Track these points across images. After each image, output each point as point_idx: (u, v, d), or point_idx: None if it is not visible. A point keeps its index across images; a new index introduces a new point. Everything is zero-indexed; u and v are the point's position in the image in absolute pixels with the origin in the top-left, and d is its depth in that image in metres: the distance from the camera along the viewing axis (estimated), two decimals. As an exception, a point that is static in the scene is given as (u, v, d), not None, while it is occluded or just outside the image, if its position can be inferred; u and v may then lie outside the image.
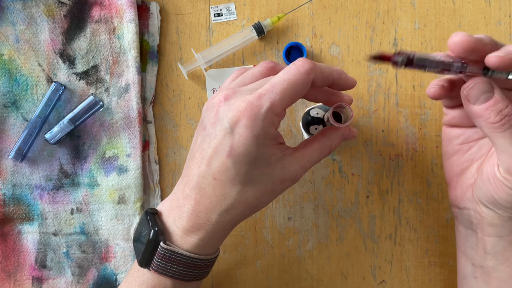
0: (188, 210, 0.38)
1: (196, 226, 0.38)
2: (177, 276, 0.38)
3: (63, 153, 0.50)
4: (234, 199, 0.37)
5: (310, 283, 0.51)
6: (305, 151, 0.39)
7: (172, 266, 0.38)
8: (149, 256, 0.38)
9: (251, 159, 0.36)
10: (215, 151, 0.36)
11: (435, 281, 0.50)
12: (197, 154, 0.38)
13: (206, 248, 0.39)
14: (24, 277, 0.50)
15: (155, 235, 0.37)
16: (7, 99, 0.50)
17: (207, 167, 0.37)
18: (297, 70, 0.36)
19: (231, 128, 0.35)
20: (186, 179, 0.38)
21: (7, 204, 0.49)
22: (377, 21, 0.50)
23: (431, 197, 0.50)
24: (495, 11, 0.50)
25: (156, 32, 0.51)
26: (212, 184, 0.37)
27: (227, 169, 0.36)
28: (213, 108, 0.37)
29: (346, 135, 0.41)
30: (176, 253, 0.37)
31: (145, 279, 0.39)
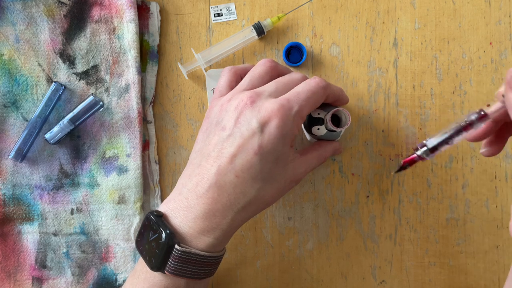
0: (203, 209, 0.38)
1: (212, 226, 0.38)
2: (193, 276, 0.38)
3: (63, 153, 0.50)
4: (253, 196, 0.38)
5: (310, 283, 0.51)
6: (307, 157, 0.42)
7: (187, 267, 0.38)
8: (163, 259, 0.37)
9: (275, 157, 0.38)
10: (240, 150, 0.38)
11: (435, 281, 0.50)
12: (213, 153, 0.39)
13: (219, 246, 0.39)
14: (24, 277, 0.50)
15: (169, 238, 0.37)
16: (7, 99, 0.50)
17: (229, 164, 0.38)
18: (317, 84, 0.40)
19: (261, 128, 0.38)
20: (198, 178, 0.39)
21: (7, 204, 0.49)
22: (377, 21, 0.50)
23: (431, 197, 0.50)
24: (495, 11, 0.50)
25: (156, 32, 0.51)
26: (233, 181, 0.38)
27: (252, 167, 0.38)
28: (235, 110, 0.39)
29: (337, 149, 0.46)
30: (193, 254, 0.38)
31: (157, 281, 0.39)
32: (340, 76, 0.50)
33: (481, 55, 0.50)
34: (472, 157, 0.50)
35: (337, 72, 0.50)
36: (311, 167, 0.43)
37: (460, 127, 0.35)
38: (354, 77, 0.50)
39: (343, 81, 0.50)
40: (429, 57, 0.50)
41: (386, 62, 0.50)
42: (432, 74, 0.50)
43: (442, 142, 0.35)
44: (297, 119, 0.39)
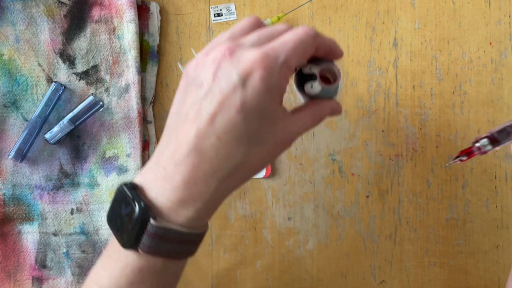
0: (182, 178, 0.33)
1: (193, 196, 0.34)
2: (170, 255, 0.34)
3: (63, 153, 0.50)
4: (238, 161, 0.34)
5: (310, 283, 0.51)
6: (300, 116, 0.37)
7: (164, 245, 0.34)
8: (136, 236, 0.33)
9: (262, 115, 0.34)
10: (220, 107, 0.33)
11: (435, 281, 0.50)
12: (191, 113, 0.34)
13: (200, 220, 0.35)
14: (24, 277, 0.50)
15: (143, 212, 0.33)
16: (7, 99, 0.50)
17: (210, 125, 0.33)
18: (305, 33, 0.35)
19: (243, 81, 0.33)
20: (175, 144, 0.34)
21: (7, 204, 0.49)
22: (377, 21, 0.50)
23: (431, 197, 0.50)
24: (495, 11, 0.50)
25: (156, 32, 0.51)
26: (215, 144, 0.33)
27: (235, 127, 0.33)
28: (212, 64, 0.34)
29: (335, 108, 0.39)
30: (170, 230, 0.33)
31: (129, 261, 0.34)
32: (340, 76, 0.50)
33: (481, 55, 0.50)
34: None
35: (337, 72, 0.50)
36: (305, 127, 0.37)
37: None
38: (354, 77, 0.50)
39: (343, 81, 0.50)
40: (429, 57, 0.50)
41: (386, 62, 0.50)
42: (432, 74, 0.50)
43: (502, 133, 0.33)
44: (284, 70, 0.34)
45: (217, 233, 0.51)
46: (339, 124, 0.51)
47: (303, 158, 0.51)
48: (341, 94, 0.50)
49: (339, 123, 0.51)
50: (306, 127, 0.37)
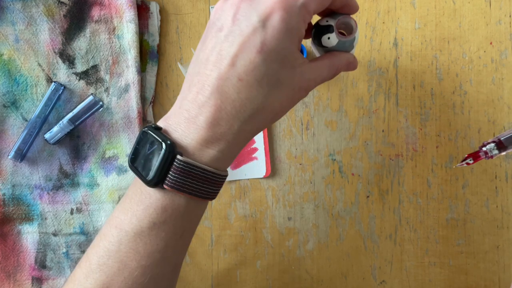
0: (206, 118, 0.34)
1: (216, 136, 0.34)
2: (194, 193, 0.35)
3: (63, 153, 0.50)
4: (260, 103, 0.34)
5: (310, 283, 0.51)
6: (317, 65, 0.37)
7: (190, 182, 0.34)
8: (163, 172, 0.34)
9: (281, 57, 0.34)
10: (241, 49, 0.34)
11: (435, 281, 0.50)
12: (212, 57, 0.34)
13: (223, 162, 0.35)
14: (24, 277, 0.50)
15: (170, 148, 0.33)
16: (7, 99, 0.49)
17: (231, 67, 0.34)
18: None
19: (263, 22, 0.33)
20: (198, 87, 0.35)
21: (6, 204, 0.49)
22: (377, 21, 0.50)
23: (431, 197, 0.50)
24: (496, 11, 0.50)
25: (156, 32, 0.51)
26: (236, 86, 0.34)
27: (256, 68, 0.34)
28: (231, 7, 0.35)
29: (351, 61, 0.40)
30: (196, 167, 0.34)
31: (153, 201, 0.35)
32: (340, 76, 0.50)
33: (481, 55, 0.50)
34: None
35: (337, 72, 0.50)
36: (321, 77, 0.38)
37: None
38: (354, 77, 0.50)
39: (343, 81, 0.50)
40: (429, 57, 0.50)
41: (386, 62, 0.50)
42: (432, 74, 0.50)
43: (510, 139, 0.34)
44: (303, 12, 0.34)
45: (217, 233, 0.51)
46: (339, 124, 0.51)
47: (303, 158, 0.51)
48: (341, 94, 0.50)
49: (339, 123, 0.51)
50: (322, 77, 0.38)
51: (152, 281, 0.35)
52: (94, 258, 0.36)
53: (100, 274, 0.35)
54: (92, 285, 0.35)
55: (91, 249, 0.37)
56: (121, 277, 0.35)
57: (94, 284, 0.35)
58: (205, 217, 0.51)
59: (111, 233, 0.35)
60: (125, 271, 0.35)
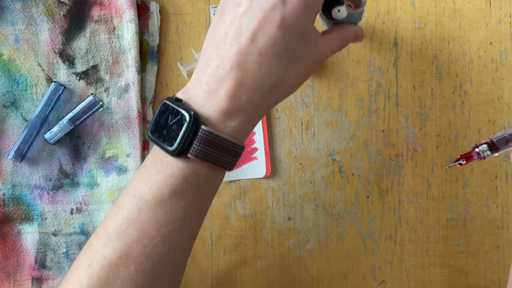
0: (227, 91, 0.35)
1: (237, 109, 0.35)
2: (216, 162, 0.35)
3: (63, 153, 0.50)
4: (279, 77, 0.36)
5: (310, 283, 0.51)
6: (329, 38, 0.39)
7: (212, 151, 0.34)
8: (186, 141, 0.34)
9: (300, 32, 0.35)
10: (261, 24, 0.34)
11: (435, 281, 0.50)
12: (231, 31, 0.35)
13: (243, 133, 0.36)
14: (23, 277, 0.50)
15: (195, 118, 0.34)
16: (7, 99, 0.49)
17: (251, 42, 0.34)
18: None
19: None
20: (217, 61, 0.35)
21: (6, 204, 0.49)
22: (377, 21, 0.50)
23: (431, 197, 0.50)
24: (496, 11, 0.50)
25: (156, 32, 0.50)
26: (257, 60, 0.35)
27: (276, 43, 0.35)
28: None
29: (359, 33, 0.42)
30: (220, 137, 0.34)
31: (175, 170, 0.35)
32: (340, 76, 0.50)
33: (482, 55, 0.50)
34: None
35: (337, 72, 0.50)
36: (333, 49, 0.39)
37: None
38: (354, 77, 0.50)
39: (343, 81, 0.50)
40: (429, 57, 0.50)
41: (386, 62, 0.50)
42: (432, 74, 0.50)
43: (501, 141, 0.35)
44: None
45: (217, 233, 0.51)
46: (339, 124, 0.51)
47: (303, 158, 0.51)
48: (342, 94, 0.50)
49: (339, 123, 0.51)
50: (333, 49, 0.39)
51: (171, 249, 0.36)
52: (112, 226, 0.36)
53: (119, 242, 0.35)
54: (110, 253, 0.35)
55: (109, 219, 0.36)
56: (140, 244, 0.35)
57: (112, 252, 0.35)
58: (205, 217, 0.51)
59: (130, 202, 0.36)
60: (144, 239, 0.35)
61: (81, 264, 0.36)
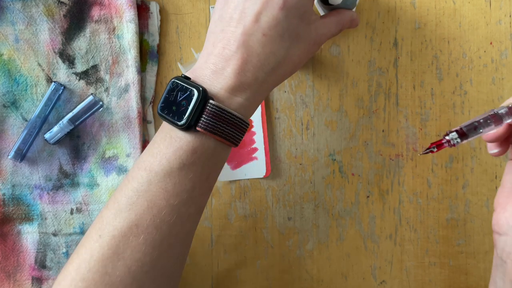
0: (233, 69, 0.37)
1: (243, 85, 0.37)
2: (223, 135, 0.37)
3: (63, 153, 0.50)
4: (282, 57, 0.38)
5: (310, 283, 0.51)
6: (327, 21, 0.42)
7: (221, 125, 0.36)
8: (196, 115, 0.36)
9: (301, 13, 0.38)
10: (264, 7, 0.37)
11: (435, 282, 0.50)
12: (235, 15, 0.37)
13: (249, 110, 0.38)
14: (23, 277, 0.50)
15: (203, 93, 0.36)
16: (7, 99, 0.49)
17: (255, 23, 0.37)
18: None
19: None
20: (224, 42, 0.37)
21: (6, 204, 0.49)
22: (377, 21, 0.50)
23: (432, 197, 0.50)
24: (496, 11, 0.50)
25: (156, 32, 0.50)
26: (261, 40, 0.37)
27: (278, 23, 0.37)
28: None
29: (354, 18, 0.45)
30: (227, 112, 0.36)
31: (183, 143, 0.37)
32: (340, 76, 0.50)
33: (482, 55, 0.50)
34: (472, 157, 0.50)
35: (337, 72, 0.50)
36: (331, 32, 0.42)
37: (489, 115, 0.36)
38: (354, 77, 0.50)
39: (343, 81, 0.50)
40: (429, 57, 0.50)
41: (386, 62, 0.50)
42: (432, 74, 0.50)
43: (470, 128, 0.36)
44: None
45: (217, 233, 0.51)
46: (339, 124, 0.51)
47: (303, 158, 0.51)
48: (342, 94, 0.50)
49: (339, 123, 0.51)
50: (331, 32, 0.42)
51: (178, 220, 0.37)
52: (123, 198, 0.37)
53: (129, 213, 0.36)
54: (121, 223, 0.36)
55: (119, 192, 0.38)
56: (149, 215, 0.36)
57: (123, 222, 0.36)
58: (205, 217, 0.51)
59: (140, 174, 0.37)
60: (154, 209, 0.36)
61: (91, 235, 0.37)
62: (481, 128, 0.36)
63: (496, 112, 0.36)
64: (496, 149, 0.39)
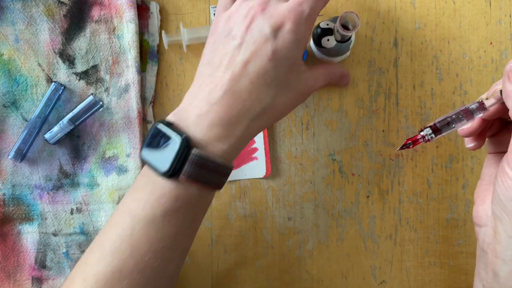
0: (218, 116, 0.37)
1: (227, 132, 0.37)
2: (207, 182, 0.37)
3: (63, 153, 0.50)
4: (267, 104, 0.38)
5: (310, 283, 0.51)
6: (316, 72, 0.42)
7: (203, 173, 0.36)
8: (178, 163, 0.36)
9: (290, 64, 0.38)
10: (253, 56, 0.37)
11: (435, 281, 0.50)
12: (225, 61, 0.38)
13: (232, 155, 0.38)
14: (23, 277, 0.50)
15: (186, 142, 0.36)
16: (7, 99, 0.49)
17: (243, 70, 0.37)
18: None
19: (274, 33, 0.38)
20: (210, 86, 0.38)
21: (6, 204, 0.49)
22: (377, 21, 0.50)
23: (431, 197, 0.50)
24: (496, 11, 0.50)
25: (156, 32, 0.50)
26: (248, 87, 0.37)
27: (266, 73, 0.37)
28: (245, 18, 0.38)
29: (345, 74, 0.46)
30: (209, 159, 0.36)
31: (167, 191, 0.36)
32: (340, 76, 0.50)
33: (482, 55, 0.50)
34: (472, 157, 0.50)
35: (337, 72, 0.50)
36: (319, 85, 0.42)
37: (460, 110, 0.37)
38: (354, 77, 0.50)
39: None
40: (429, 57, 0.50)
41: (386, 62, 0.50)
42: (432, 74, 0.50)
43: (443, 124, 0.37)
44: (309, 22, 0.39)
45: (217, 233, 0.51)
46: (339, 124, 0.51)
47: (303, 158, 0.51)
48: (342, 94, 0.50)
49: (339, 123, 0.51)
50: (319, 84, 0.42)
51: (162, 264, 0.37)
52: (106, 243, 0.37)
53: (113, 258, 0.36)
54: (105, 268, 0.36)
55: (103, 235, 0.38)
56: (133, 260, 0.36)
57: (107, 267, 0.36)
58: (205, 217, 0.51)
59: (124, 220, 0.37)
60: (137, 255, 0.36)
61: (76, 278, 0.38)
62: (453, 123, 0.37)
63: (467, 108, 0.37)
64: (472, 143, 0.41)
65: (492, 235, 0.38)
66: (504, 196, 0.35)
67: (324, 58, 0.49)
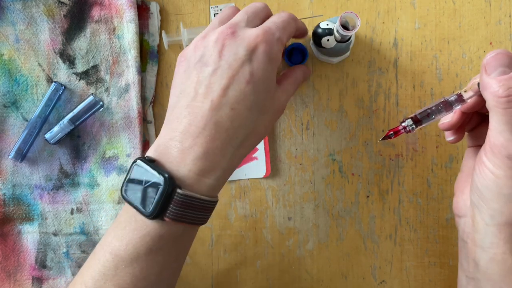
0: (202, 149, 0.35)
1: (213, 166, 0.36)
2: (192, 221, 0.36)
3: (63, 153, 0.50)
4: (250, 129, 0.37)
5: (310, 283, 0.51)
6: (285, 85, 0.42)
7: (188, 212, 0.35)
8: (162, 205, 0.34)
9: (266, 85, 0.38)
10: (231, 81, 0.36)
11: (435, 281, 0.50)
12: (201, 90, 0.36)
13: (218, 189, 0.37)
14: (24, 277, 0.50)
15: (169, 181, 0.34)
16: (7, 99, 0.50)
17: (223, 97, 0.36)
18: (288, 16, 0.41)
19: (249, 56, 0.37)
20: (189, 118, 0.36)
21: (7, 204, 0.49)
22: (377, 21, 0.50)
23: (431, 197, 0.50)
24: (495, 11, 0.50)
25: (156, 32, 0.51)
26: (229, 115, 0.36)
27: (246, 97, 0.37)
28: (216, 43, 0.38)
29: (306, 72, 0.46)
30: (194, 198, 0.35)
31: (150, 230, 0.35)
32: (340, 76, 0.50)
33: (481, 55, 0.50)
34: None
35: (337, 72, 0.50)
36: (290, 94, 0.42)
37: (440, 102, 0.38)
38: (354, 77, 0.50)
39: (343, 81, 0.50)
40: (429, 57, 0.50)
41: (386, 62, 0.50)
42: (432, 74, 0.50)
43: (424, 115, 0.38)
44: (280, 44, 0.39)
45: (217, 233, 0.51)
46: (339, 124, 0.51)
47: (303, 158, 0.51)
48: (342, 94, 0.50)
49: (339, 123, 0.51)
50: (290, 94, 0.42)
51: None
52: (90, 281, 0.36)
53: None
54: None
55: (86, 272, 0.37)
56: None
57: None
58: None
59: (106, 258, 0.36)
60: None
61: None
62: (433, 115, 0.38)
63: (446, 99, 0.38)
64: (451, 137, 0.41)
65: (471, 224, 0.38)
66: (481, 185, 0.36)
67: (324, 58, 0.49)
